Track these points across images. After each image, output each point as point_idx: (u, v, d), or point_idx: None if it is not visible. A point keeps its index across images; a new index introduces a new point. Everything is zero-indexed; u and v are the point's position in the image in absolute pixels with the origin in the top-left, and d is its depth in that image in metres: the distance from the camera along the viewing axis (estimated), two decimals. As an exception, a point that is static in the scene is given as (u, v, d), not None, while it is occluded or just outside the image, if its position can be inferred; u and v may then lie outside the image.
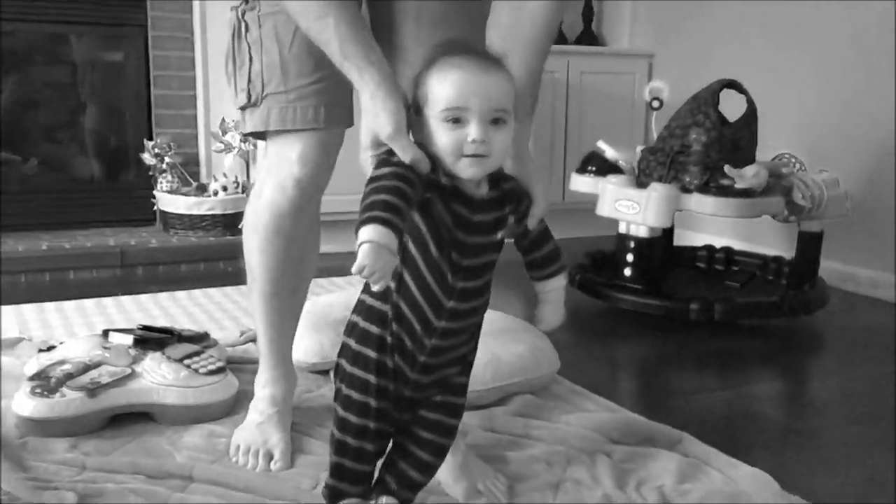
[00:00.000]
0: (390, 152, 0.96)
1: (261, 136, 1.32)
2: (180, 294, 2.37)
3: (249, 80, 1.26)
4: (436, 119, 0.95)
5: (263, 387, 1.43)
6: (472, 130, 0.93)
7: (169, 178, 2.94)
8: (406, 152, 0.95)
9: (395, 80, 1.01)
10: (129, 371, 1.48)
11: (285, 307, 1.41)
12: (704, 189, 2.12)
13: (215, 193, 2.87)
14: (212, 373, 1.51)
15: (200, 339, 1.67)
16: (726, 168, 2.10)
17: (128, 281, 2.60)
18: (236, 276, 2.64)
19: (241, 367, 1.71)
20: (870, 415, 1.70)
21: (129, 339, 1.57)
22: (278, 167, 1.29)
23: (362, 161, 1.00)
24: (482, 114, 0.93)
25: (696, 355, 2.07)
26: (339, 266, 1.99)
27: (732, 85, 2.27)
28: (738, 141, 2.22)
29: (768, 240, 2.84)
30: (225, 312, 2.19)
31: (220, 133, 2.95)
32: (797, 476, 1.37)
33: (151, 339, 1.58)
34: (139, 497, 1.19)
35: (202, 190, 2.93)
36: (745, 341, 2.16)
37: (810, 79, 2.80)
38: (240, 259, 1.41)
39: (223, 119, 2.97)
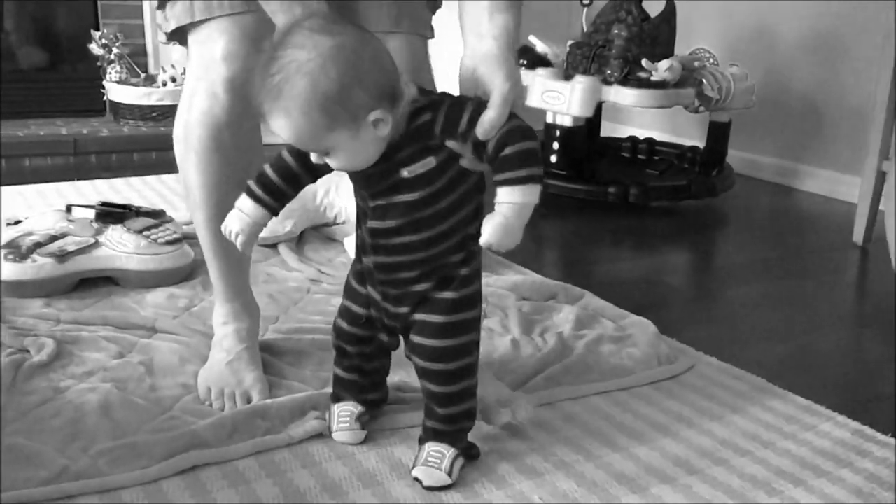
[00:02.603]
0: None
1: (183, 38, 1.19)
2: (134, 180, 2.50)
3: None
4: None
5: (225, 323, 1.30)
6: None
7: (117, 68, 3.00)
8: None
9: None
10: (92, 241, 1.64)
11: None
12: (623, 81, 2.29)
13: (164, 84, 2.95)
14: (169, 243, 1.68)
15: (157, 215, 1.81)
16: (643, 62, 2.27)
17: (82, 168, 2.71)
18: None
19: (195, 242, 1.87)
20: (760, 279, 1.95)
21: (91, 213, 1.72)
22: (206, 72, 1.15)
23: None
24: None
25: (612, 233, 2.30)
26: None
27: (654, -18, 2.42)
28: (657, 36, 2.39)
29: (688, 131, 3.05)
30: (178, 196, 2.33)
31: (167, 24, 3.01)
32: (687, 326, 1.60)
33: (112, 213, 1.73)
34: (110, 343, 1.38)
35: (151, 81, 3.00)
36: (658, 221, 2.40)
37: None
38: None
39: (169, 10, 3.02)
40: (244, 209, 1.04)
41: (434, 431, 1.06)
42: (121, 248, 1.64)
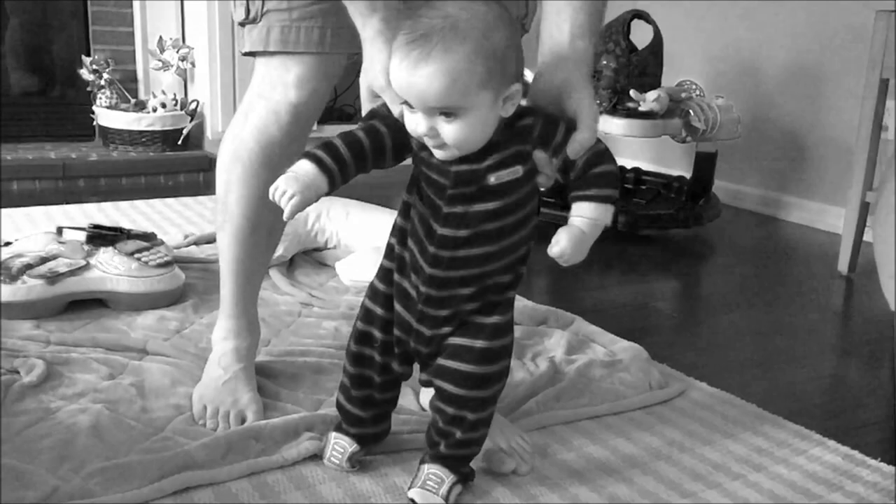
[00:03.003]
0: (385, 105, 0.96)
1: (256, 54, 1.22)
2: (123, 204, 2.50)
3: None
4: None
5: (225, 339, 1.30)
6: (419, 122, 0.90)
7: (107, 94, 3.01)
8: (395, 104, 0.93)
9: (394, 28, 0.96)
10: (83, 263, 1.63)
11: (259, 249, 1.30)
12: (612, 111, 2.33)
13: (154, 110, 2.96)
14: (160, 265, 1.67)
15: (148, 238, 1.81)
16: (632, 92, 2.31)
17: (70, 192, 2.70)
18: (177, 190, 2.77)
19: (186, 265, 1.87)
20: (748, 306, 1.97)
21: (82, 236, 1.71)
22: (272, 91, 1.18)
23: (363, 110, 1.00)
24: (423, 109, 0.89)
25: (601, 260, 2.31)
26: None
27: (641, 15, 2.47)
28: (644, 67, 2.43)
29: (674, 161, 3.09)
30: (168, 220, 2.34)
31: (158, 51, 3.03)
32: (676, 352, 1.61)
33: (103, 235, 1.72)
34: (101, 364, 1.37)
35: (141, 106, 3.01)
36: (646, 249, 2.42)
37: (714, 13, 3.01)
38: (180, 174, 1.40)
39: (160, 37, 3.04)
40: (303, 171, 0.92)
41: (441, 456, 1.04)
42: (111, 270, 1.63)
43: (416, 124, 0.90)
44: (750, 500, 1.10)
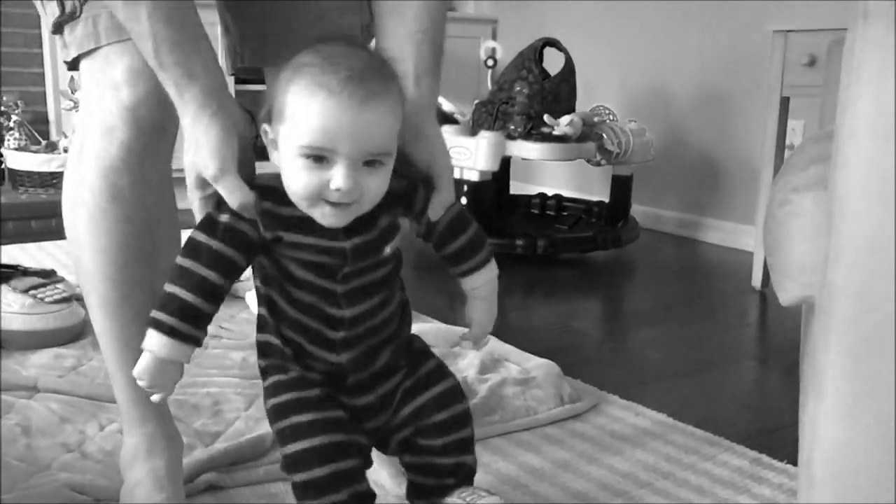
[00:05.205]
0: (219, 202, 0.79)
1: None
2: (29, 246, 2.41)
3: None
4: (291, 150, 0.75)
5: (134, 458, 0.99)
6: (338, 177, 0.74)
7: (17, 135, 2.93)
8: (233, 195, 0.77)
9: (224, 97, 0.80)
10: (-26, 301, 1.56)
11: (142, 321, 0.87)
12: (527, 136, 2.35)
13: (66, 150, 2.88)
14: (57, 301, 1.60)
15: (47, 275, 1.74)
16: (545, 117, 2.33)
17: (-25, 237, 2.60)
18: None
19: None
20: (665, 322, 1.98)
21: (-27, 274, 1.63)
22: (100, 102, 0.90)
23: (190, 202, 0.82)
24: (352, 158, 0.74)
25: (523, 284, 2.31)
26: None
27: (553, 43, 2.51)
28: (557, 93, 2.46)
29: (594, 188, 3.13)
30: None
31: (70, 91, 2.96)
32: (594, 368, 1.60)
33: (-4, 273, 1.65)
34: (-15, 404, 1.29)
35: (52, 148, 2.93)
36: (567, 271, 2.43)
37: (624, 40, 3.09)
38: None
39: (72, 77, 2.97)
40: (176, 358, 0.77)
41: (466, 478, 0.95)
42: (4, 307, 1.56)
43: (331, 179, 0.74)
44: (657, 508, 1.09)
